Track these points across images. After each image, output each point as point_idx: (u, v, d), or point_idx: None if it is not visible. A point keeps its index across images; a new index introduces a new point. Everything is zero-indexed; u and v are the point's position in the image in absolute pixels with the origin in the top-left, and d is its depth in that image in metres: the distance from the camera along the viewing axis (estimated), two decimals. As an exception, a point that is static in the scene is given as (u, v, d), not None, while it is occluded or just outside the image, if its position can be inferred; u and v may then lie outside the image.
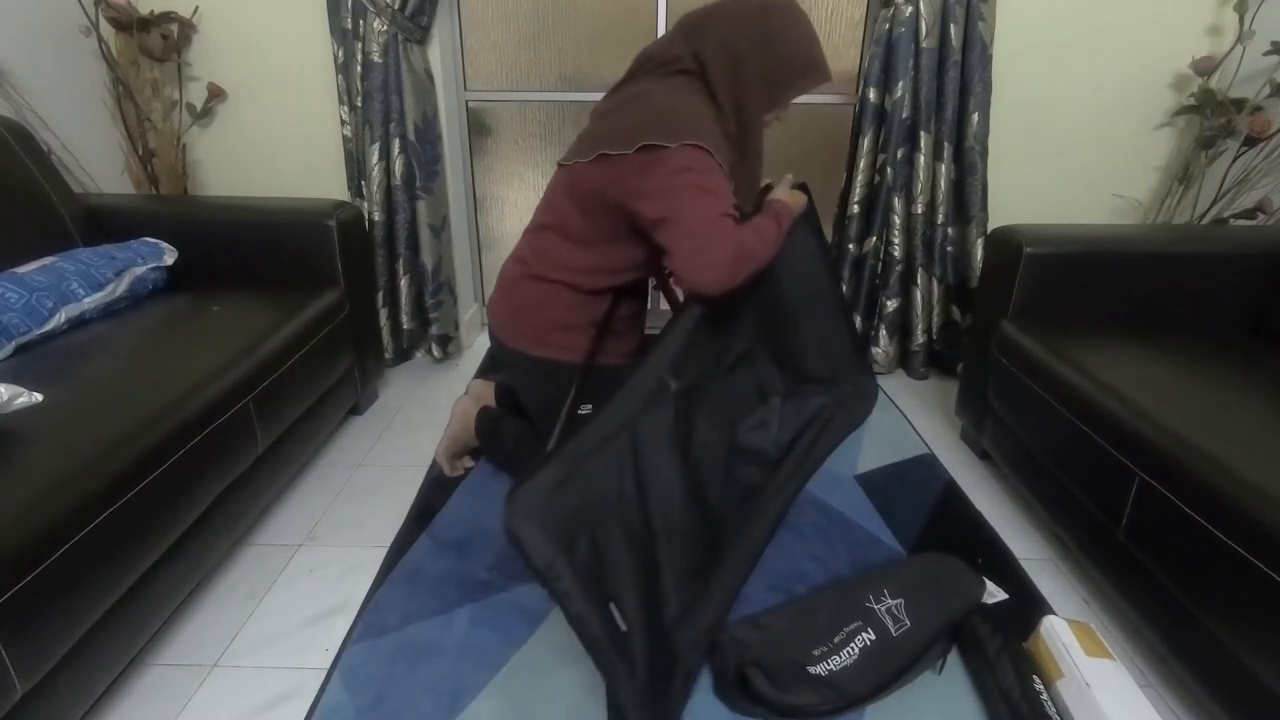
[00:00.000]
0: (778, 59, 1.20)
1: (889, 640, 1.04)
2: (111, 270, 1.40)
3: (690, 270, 1.09)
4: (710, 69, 1.20)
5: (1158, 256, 1.53)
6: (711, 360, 1.22)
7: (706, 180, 1.11)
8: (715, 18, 1.22)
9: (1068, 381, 1.27)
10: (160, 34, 1.92)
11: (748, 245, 1.11)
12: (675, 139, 1.11)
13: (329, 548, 1.38)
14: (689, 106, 1.18)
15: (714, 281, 1.08)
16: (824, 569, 1.31)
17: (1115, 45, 1.97)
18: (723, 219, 1.09)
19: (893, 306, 2.09)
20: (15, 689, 0.79)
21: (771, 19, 1.19)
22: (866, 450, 1.73)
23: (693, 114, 1.16)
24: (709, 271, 1.08)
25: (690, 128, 1.13)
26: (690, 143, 1.11)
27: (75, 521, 0.87)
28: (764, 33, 1.19)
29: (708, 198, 1.10)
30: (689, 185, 1.10)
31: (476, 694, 1.04)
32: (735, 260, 1.08)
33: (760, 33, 1.19)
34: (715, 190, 1.11)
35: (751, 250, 1.11)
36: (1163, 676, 1.11)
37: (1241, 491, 0.90)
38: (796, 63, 1.22)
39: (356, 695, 1.04)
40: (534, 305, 1.32)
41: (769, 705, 0.98)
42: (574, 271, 1.28)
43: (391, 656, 1.11)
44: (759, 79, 1.21)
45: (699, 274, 1.08)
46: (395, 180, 1.99)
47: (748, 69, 1.20)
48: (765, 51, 1.20)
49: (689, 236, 1.08)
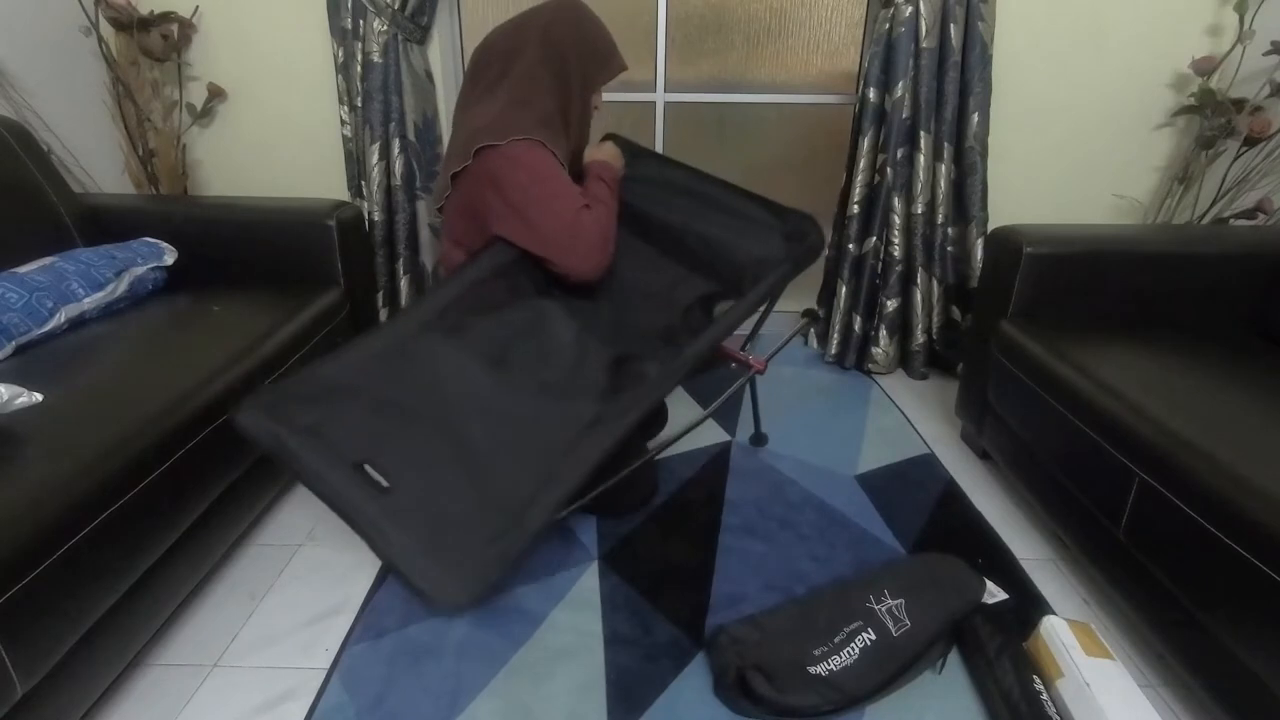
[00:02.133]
0: (586, 40, 1.36)
1: (889, 640, 1.04)
2: (111, 270, 1.40)
3: (570, 269, 1.25)
4: (530, 56, 1.32)
5: (1158, 256, 1.53)
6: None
7: (547, 184, 1.24)
8: (528, 25, 1.35)
9: (1068, 381, 1.27)
10: (160, 34, 1.92)
11: (602, 221, 1.27)
12: (503, 135, 1.23)
13: (329, 548, 1.38)
14: (512, 105, 1.29)
15: (595, 268, 1.27)
16: (824, 569, 1.31)
17: (1115, 45, 1.97)
18: (574, 214, 1.23)
19: (893, 306, 2.09)
20: (15, 689, 0.79)
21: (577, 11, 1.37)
22: (866, 450, 1.73)
23: (514, 113, 1.28)
24: (587, 263, 1.25)
25: (515, 126, 1.25)
26: (518, 137, 1.23)
27: (75, 521, 0.86)
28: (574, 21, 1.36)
29: (558, 202, 1.24)
30: (537, 199, 1.23)
31: (476, 694, 1.04)
32: (604, 242, 1.26)
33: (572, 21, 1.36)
34: (558, 190, 1.24)
35: (605, 223, 1.28)
36: (1163, 676, 1.11)
37: (1241, 491, 0.90)
38: (601, 42, 1.39)
39: (356, 695, 1.04)
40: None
41: (769, 706, 0.99)
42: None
43: (391, 657, 1.11)
44: (576, 60, 1.34)
45: (579, 269, 1.25)
46: (395, 180, 1.99)
47: (568, 51, 1.33)
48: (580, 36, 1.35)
49: (557, 240, 1.23)
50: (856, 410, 1.95)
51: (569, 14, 1.34)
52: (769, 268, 1.35)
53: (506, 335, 1.23)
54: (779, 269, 1.35)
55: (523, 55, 1.31)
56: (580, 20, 1.35)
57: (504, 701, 1.03)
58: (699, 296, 1.39)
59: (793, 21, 2.13)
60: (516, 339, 1.24)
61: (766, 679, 0.99)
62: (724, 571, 1.30)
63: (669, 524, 1.44)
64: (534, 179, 1.23)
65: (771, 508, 1.49)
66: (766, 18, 2.13)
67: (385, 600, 1.22)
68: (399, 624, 1.17)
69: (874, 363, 2.15)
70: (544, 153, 1.24)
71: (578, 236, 1.23)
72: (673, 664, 1.10)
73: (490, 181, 1.24)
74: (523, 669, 1.09)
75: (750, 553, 1.35)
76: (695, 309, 1.38)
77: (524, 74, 1.30)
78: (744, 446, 1.72)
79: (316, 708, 1.02)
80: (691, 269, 1.42)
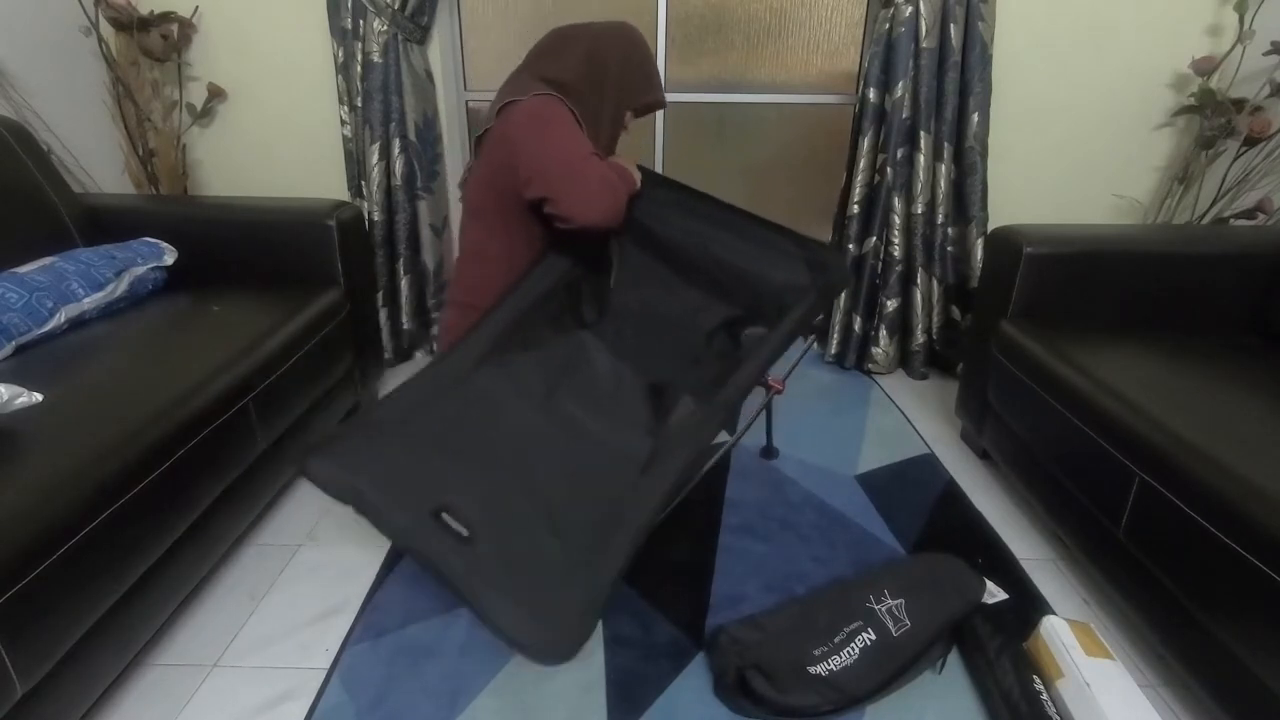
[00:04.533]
0: (631, 60, 1.39)
1: (889, 640, 1.04)
2: (111, 270, 1.40)
3: (572, 210, 1.21)
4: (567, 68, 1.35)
5: (1158, 256, 1.53)
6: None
7: (559, 126, 1.24)
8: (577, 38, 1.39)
9: (1068, 381, 1.27)
10: (160, 34, 1.92)
11: (611, 177, 1.25)
12: (526, 93, 1.26)
13: (329, 548, 1.38)
14: (545, 83, 1.32)
15: (599, 214, 1.21)
16: (824, 569, 1.31)
17: (1115, 45, 1.97)
18: (582, 157, 1.22)
19: (893, 306, 2.09)
20: (15, 689, 0.79)
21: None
22: (866, 450, 1.73)
23: (544, 87, 1.30)
24: (589, 207, 1.21)
25: (541, 87, 1.28)
26: (540, 92, 1.26)
27: (75, 521, 0.86)
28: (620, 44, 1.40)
29: (566, 142, 1.23)
30: (545, 137, 1.23)
31: (476, 694, 1.04)
32: (609, 191, 1.23)
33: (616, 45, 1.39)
34: (567, 134, 1.24)
35: (612, 178, 1.26)
36: (1163, 676, 1.11)
37: (1241, 491, 0.90)
38: (645, 67, 1.42)
39: (356, 695, 1.04)
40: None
41: (769, 706, 0.99)
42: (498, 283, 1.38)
43: (391, 657, 1.11)
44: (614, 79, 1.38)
45: (581, 212, 1.20)
46: (395, 180, 1.99)
47: (610, 61, 1.36)
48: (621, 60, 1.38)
49: (561, 181, 1.21)
50: (856, 410, 1.95)
51: (623, 33, 1.39)
52: (792, 294, 1.34)
53: (552, 368, 1.25)
54: (805, 298, 1.33)
55: (568, 52, 1.35)
56: (632, 42, 1.39)
57: (504, 701, 1.03)
58: (723, 321, 1.38)
59: (793, 21, 2.13)
60: (561, 371, 1.25)
61: (766, 679, 0.99)
62: (724, 571, 1.30)
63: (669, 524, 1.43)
64: (546, 121, 1.25)
65: (771, 508, 1.49)
66: (766, 18, 2.13)
67: (385, 600, 1.22)
68: (399, 624, 1.17)
69: (874, 363, 2.15)
70: (562, 107, 1.27)
71: (581, 176, 1.21)
72: (673, 664, 1.10)
73: (506, 134, 1.26)
74: (523, 669, 1.09)
75: (750, 553, 1.35)
76: (720, 334, 1.38)
77: (565, 67, 1.34)
78: (744, 447, 1.72)
79: (316, 708, 1.02)
80: (714, 294, 1.41)
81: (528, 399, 1.19)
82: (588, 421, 1.18)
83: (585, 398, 1.22)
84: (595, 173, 1.22)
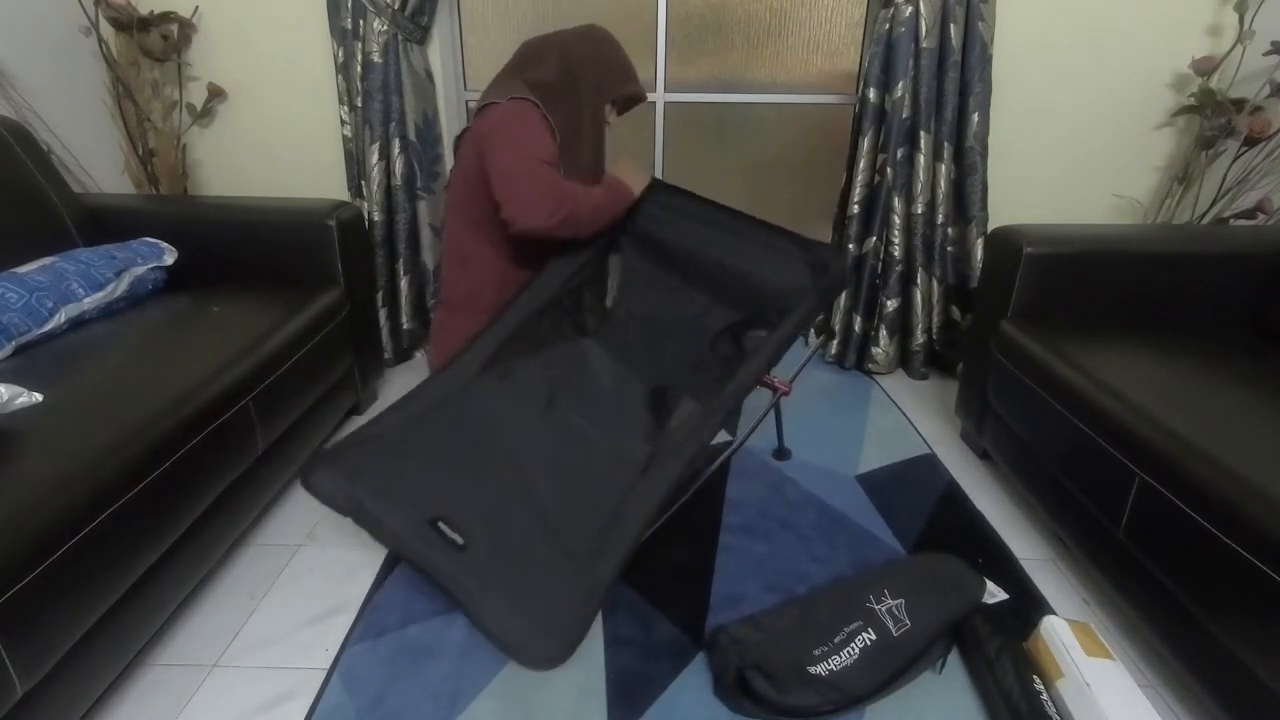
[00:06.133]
0: (602, 56, 1.43)
1: (889, 640, 1.04)
2: (111, 270, 1.40)
3: (513, 214, 1.23)
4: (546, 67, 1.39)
5: (1158, 256, 1.53)
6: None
7: (521, 130, 1.27)
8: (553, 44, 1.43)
9: (1068, 381, 1.27)
10: (160, 34, 1.92)
11: (565, 189, 1.25)
12: (505, 96, 1.31)
13: (329, 548, 1.38)
14: (523, 85, 1.37)
15: (539, 220, 1.22)
16: (824, 569, 1.31)
17: (1115, 45, 1.97)
18: (534, 162, 1.24)
19: (893, 306, 2.09)
20: (15, 689, 0.79)
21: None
22: (867, 450, 1.73)
23: (521, 90, 1.35)
24: (529, 213, 1.22)
25: (521, 90, 1.33)
26: (518, 96, 1.31)
27: (75, 521, 0.86)
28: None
29: (521, 146, 1.26)
30: (505, 140, 1.26)
31: (476, 694, 1.04)
32: (554, 198, 1.23)
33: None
34: (527, 138, 1.27)
35: (571, 193, 1.27)
36: (1163, 676, 1.11)
37: (1241, 491, 0.90)
38: (617, 60, 1.46)
39: (356, 695, 1.04)
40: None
41: (769, 706, 0.98)
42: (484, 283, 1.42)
43: (391, 657, 1.11)
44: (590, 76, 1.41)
45: (521, 217, 1.22)
46: (395, 180, 1.99)
47: (584, 58, 1.41)
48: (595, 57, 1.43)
49: (508, 183, 1.23)
50: (857, 410, 1.95)
51: (592, 33, 1.45)
52: (794, 297, 1.35)
53: (553, 376, 1.26)
54: (806, 301, 1.34)
55: (544, 58, 1.41)
56: (603, 40, 1.45)
57: (504, 701, 1.03)
58: (726, 325, 1.39)
59: (793, 21, 2.13)
60: (562, 379, 1.26)
61: (766, 679, 0.99)
62: (724, 571, 1.30)
63: (669, 524, 1.43)
64: (510, 122, 1.29)
65: (772, 508, 1.49)
66: (766, 18, 2.13)
67: (385, 600, 1.22)
68: (399, 624, 1.17)
69: (874, 363, 2.15)
70: (533, 111, 1.31)
71: (527, 181, 1.23)
72: (673, 664, 1.10)
73: (480, 134, 1.32)
74: (523, 669, 1.09)
75: (750, 553, 1.35)
76: (723, 338, 1.38)
77: (542, 70, 1.39)
78: (746, 447, 1.71)
79: (316, 708, 1.02)
80: (716, 298, 1.42)
81: (529, 407, 1.20)
82: (588, 429, 1.19)
83: (586, 405, 1.23)
84: (544, 179, 1.23)
